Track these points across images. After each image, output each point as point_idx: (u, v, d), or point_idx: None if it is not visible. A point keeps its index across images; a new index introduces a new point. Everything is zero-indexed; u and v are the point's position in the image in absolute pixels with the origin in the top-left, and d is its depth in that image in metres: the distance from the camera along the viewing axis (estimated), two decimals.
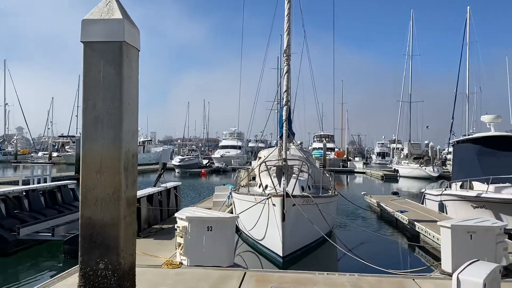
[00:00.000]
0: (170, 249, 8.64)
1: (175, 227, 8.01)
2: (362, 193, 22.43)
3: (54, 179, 17.01)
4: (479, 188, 13.62)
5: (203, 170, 46.39)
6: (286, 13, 11.39)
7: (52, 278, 6.84)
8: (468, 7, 45.16)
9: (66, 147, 65.99)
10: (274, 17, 15.39)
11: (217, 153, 59.68)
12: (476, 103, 48.66)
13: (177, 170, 46.77)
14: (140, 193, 11.17)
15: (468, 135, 29.37)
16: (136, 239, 5.27)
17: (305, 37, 16.49)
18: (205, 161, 55.37)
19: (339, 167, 56.46)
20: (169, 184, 13.84)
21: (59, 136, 75.90)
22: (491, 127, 15.94)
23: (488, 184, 12.96)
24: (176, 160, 48.24)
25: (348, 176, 50.67)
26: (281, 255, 9.54)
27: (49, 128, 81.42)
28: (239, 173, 15.66)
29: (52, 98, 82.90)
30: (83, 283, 4.65)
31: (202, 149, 77.83)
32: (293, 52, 17.44)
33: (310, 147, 65.69)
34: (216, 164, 54.03)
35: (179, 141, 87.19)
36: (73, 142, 52.61)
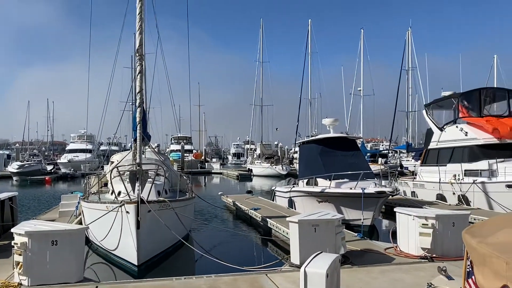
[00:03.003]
0: (7, 269, 7.55)
1: (12, 244, 7.03)
2: (219, 193, 22.93)
3: None
4: (323, 184, 15.13)
5: (47, 177, 42.00)
6: (138, 12, 10.95)
7: None
8: (310, 20, 50.15)
9: None
10: (126, 12, 14.55)
11: (64, 158, 54.60)
12: (317, 107, 54.23)
13: (15, 178, 41.53)
14: None
15: (312, 136, 32.36)
16: None
17: (159, 37, 16.10)
18: (49, 167, 50.20)
19: (197, 168, 56.95)
20: (3, 195, 12.11)
21: None
22: (330, 129, 17.87)
23: (330, 180, 14.49)
24: (13, 167, 42.80)
25: (206, 177, 51.42)
26: (136, 263, 9.15)
27: None
28: (89, 179, 14.58)
29: None
30: None
31: (46, 153, 70.37)
32: (148, 52, 16.94)
33: (168, 149, 64.86)
34: (63, 170, 49.46)
35: (17, 145, 77.35)
36: None
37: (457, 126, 18.75)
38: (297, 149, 40.33)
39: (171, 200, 10.55)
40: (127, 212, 9.08)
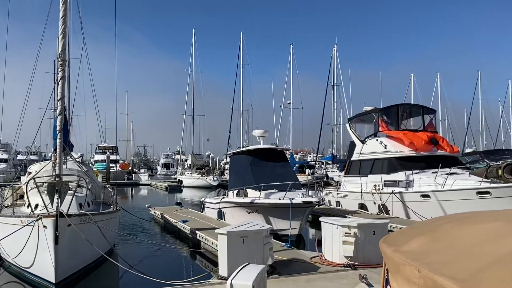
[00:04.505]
0: None
1: None
2: (147, 205, 22.27)
3: None
4: (253, 194, 15.24)
5: None
6: (61, 15, 10.35)
7: None
8: (241, 33, 51.04)
9: None
10: (48, 12, 13.72)
11: None
12: (249, 119, 54.97)
13: None
14: None
15: (243, 147, 32.69)
16: None
17: (84, 42, 15.45)
18: None
19: (124, 179, 54.90)
20: None
21: None
22: (260, 140, 18.15)
23: (260, 191, 14.64)
24: None
25: (133, 188, 49.73)
26: (53, 282, 8.56)
27: None
28: (3, 191, 13.51)
29: None
30: None
31: None
32: (74, 57, 16.15)
33: (92, 160, 61.90)
34: None
35: None
36: None
37: (377, 139, 19.88)
38: (228, 160, 40.44)
39: (94, 213, 10.06)
40: (45, 226, 8.49)
